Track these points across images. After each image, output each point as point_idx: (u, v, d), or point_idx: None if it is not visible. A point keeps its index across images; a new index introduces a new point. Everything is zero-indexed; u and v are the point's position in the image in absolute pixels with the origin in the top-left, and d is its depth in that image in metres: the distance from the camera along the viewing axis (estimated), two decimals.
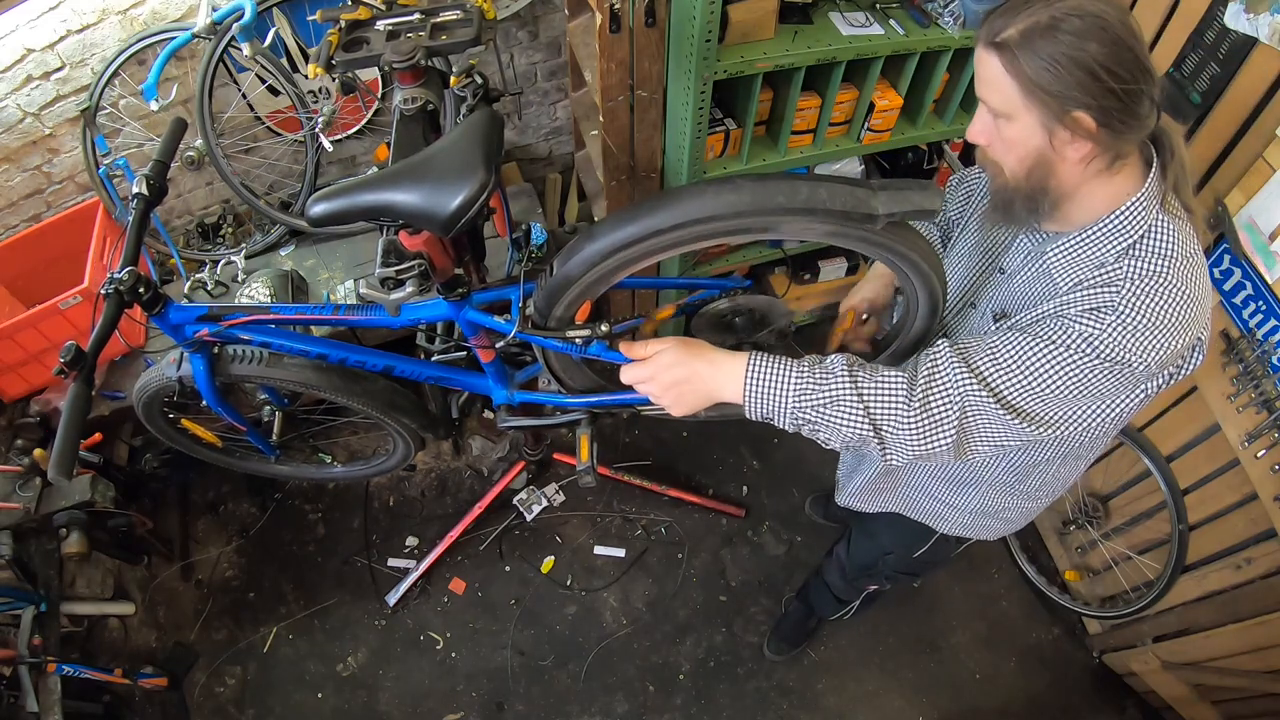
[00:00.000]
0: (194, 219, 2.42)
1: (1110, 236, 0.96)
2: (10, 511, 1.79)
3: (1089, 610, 2.28)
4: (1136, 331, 0.91)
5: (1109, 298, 0.93)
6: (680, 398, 1.05)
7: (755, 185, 1.11)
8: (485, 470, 2.57)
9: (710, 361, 1.03)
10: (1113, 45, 0.84)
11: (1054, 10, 0.85)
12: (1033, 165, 0.94)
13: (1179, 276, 0.92)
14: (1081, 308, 0.94)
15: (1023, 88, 0.88)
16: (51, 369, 1.31)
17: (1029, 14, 0.86)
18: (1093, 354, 0.92)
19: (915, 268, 1.25)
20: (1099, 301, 0.93)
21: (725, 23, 1.56)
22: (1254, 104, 1.54)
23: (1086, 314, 0.93)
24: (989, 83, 0.92)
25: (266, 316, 1.42)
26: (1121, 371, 0.93)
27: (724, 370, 1.02)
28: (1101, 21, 0.84)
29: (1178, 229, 0.95)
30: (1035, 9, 0.86)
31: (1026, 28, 0.86)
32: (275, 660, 2.25)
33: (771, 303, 1.55)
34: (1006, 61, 0.88)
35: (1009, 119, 0.92)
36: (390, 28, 1.50)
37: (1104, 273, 0.95)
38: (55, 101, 1.99)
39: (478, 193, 1.16)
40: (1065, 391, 0.95)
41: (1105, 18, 0.85)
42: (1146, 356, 0.91)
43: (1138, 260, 0.94)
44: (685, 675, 2.26)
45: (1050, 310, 0.98)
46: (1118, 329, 0.91)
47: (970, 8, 1.76)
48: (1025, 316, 1.02)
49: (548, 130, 2.72)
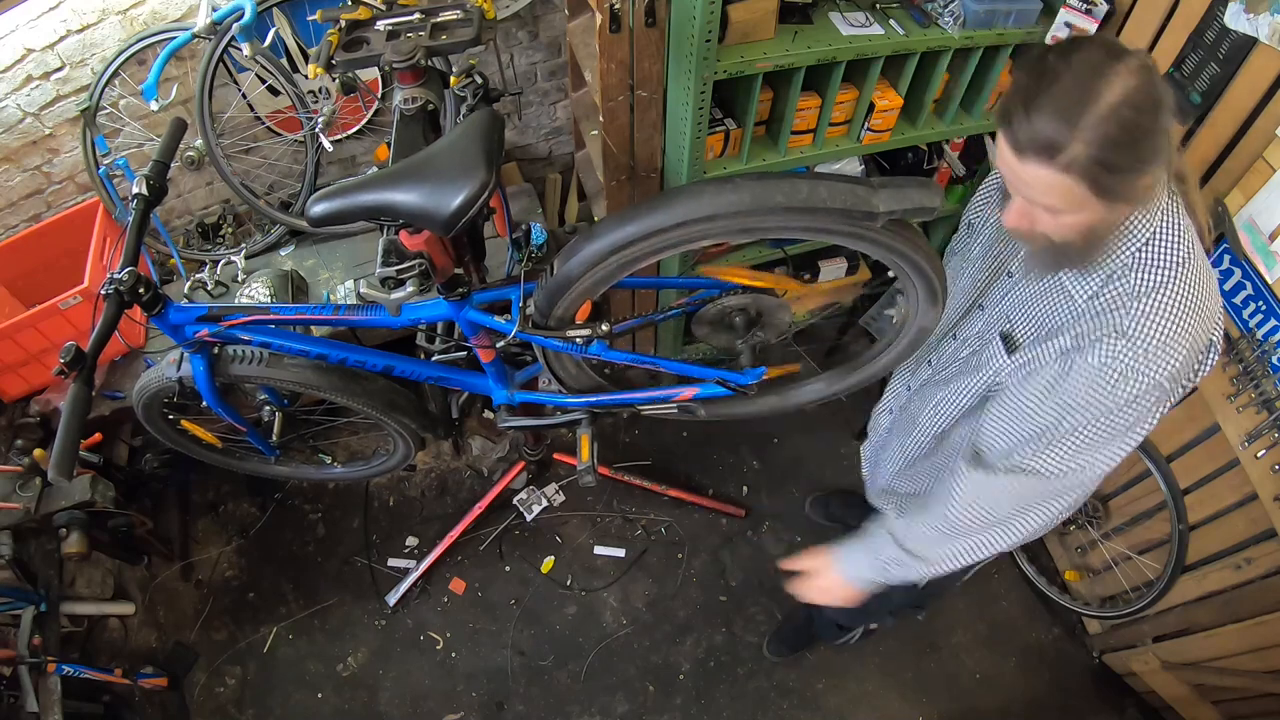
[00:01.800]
0: (194, 219, 2.41)
1: (1118, 243, 0.96)
2: (10, 511, 1.79)
3: (1089, 610, 2.28)
4: (1152, 354, 0.91)
5: (1120, 321, 0.93)
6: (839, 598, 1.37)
7: (755, 185, 1.11)
8: (485, 470, 2.57)
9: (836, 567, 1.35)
10: (1164, 106, 0.82)
11: (1107, 106, 0.79)
12: (1089, 233, 0.92)
13: (1186, 283, 0.92)
14: (1098, 352, 0.94)
15: (1095, 190, 0.83)
16: (51, 369, 1.31)
17: (1085, 121, 0.79)
18: (1115, 401, 0.94)
19: (915, 266, 1.25)
20: (1112, 326, 0.93)
21: (725, 23, 1.56)
22: (1254, 104, 1.54)
23: (1102, 357, 0.93)
24: (1044, 190, 0.86)
25: (266, 317, 1.42)
26: (1146, 401, 0.94)
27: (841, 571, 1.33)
28: (1148, 89, 0.80)
29: (1180, 230, 0.95)
30: (1084, 110, 0.79)
31: (1096, 140, 0.79)
32: (275, 660, 2.25)
33: (771, 302, 1.55)
34: (1076, 176, 0.82)
35: (1069, 212, 0.88)
36: (390, 28, 1.50)
37: (1113, 287, 0.95)
38: (55, 101, 1.99)
39: (478, 192, 1.16)
40: (1094, 443, 0.98)
41: (1146, 81, 0.80)
42: (1167, 370, 0.91)
43: (1145, 271, 0.93)
44: (685, 675, 2.26)
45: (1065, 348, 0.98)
46: (1135, 358, 0.91)
47: (970, 8, 1.76)
48: (1041, 362, 1.02)
49: (548, 130, 2.72)
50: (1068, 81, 0.81)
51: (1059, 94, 0.81)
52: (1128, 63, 0.80)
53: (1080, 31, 1.80)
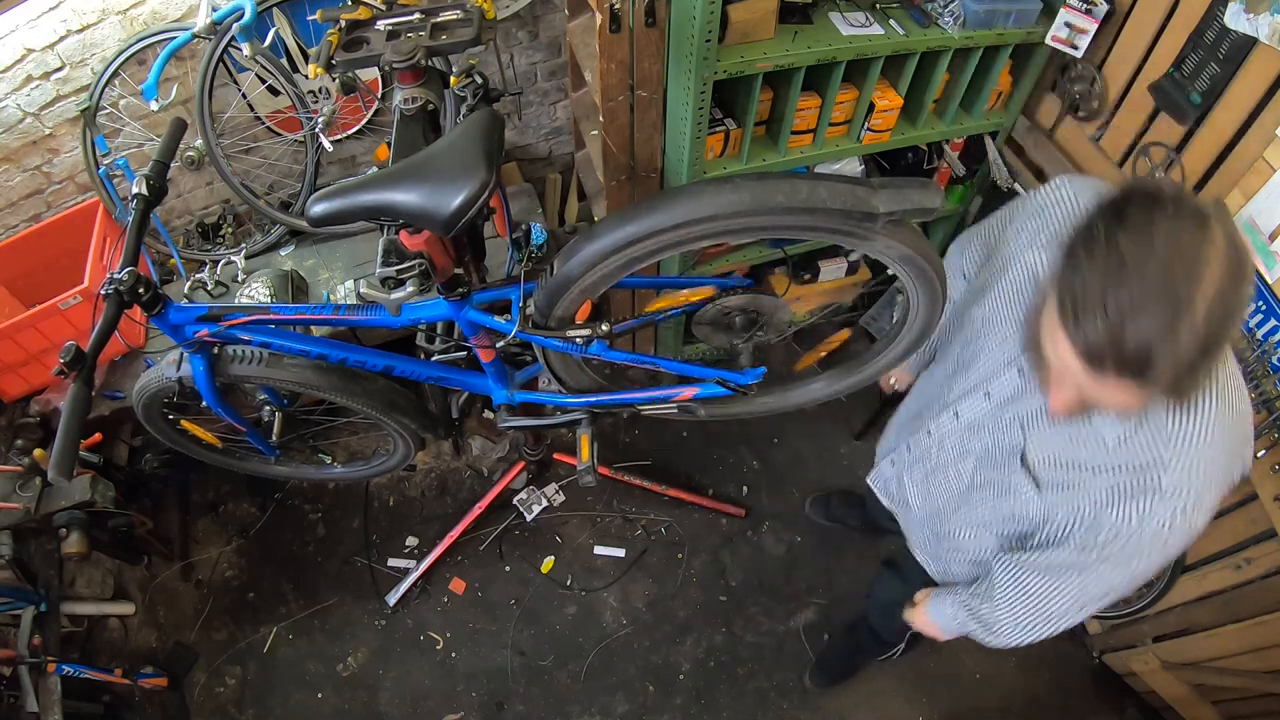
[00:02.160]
0: (194, 219, 2.41)
1: None
2: (10, 511, 1.79)
3: None
4: (1190, 511, 0.87)
5: (1156, 477, 0.86)
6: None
7: (755, 185, 1.11)
8: (485, 470, 2.57)
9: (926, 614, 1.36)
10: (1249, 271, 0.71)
11: (1205, 304, 0.67)
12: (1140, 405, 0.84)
13: (1221, 420, 0.85)
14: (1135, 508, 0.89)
15: (1172, 392, 0.75)
16: (51, 369, 1.31)
17: (1183, 331, 0.67)
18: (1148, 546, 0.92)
19: (915, 266, 1.25)
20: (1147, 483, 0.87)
21: (725, 23, 1.56)
22: (1254, 104, 1.54)
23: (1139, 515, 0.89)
24: (1115, 399, 0.78)
25: (266, 317, 1.42)
26: (1179, 541, 0.91)
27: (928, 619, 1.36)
28: (1238, 259, 0.69)
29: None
30: (1181, 316, 0.67)
31: (1194, 347, 0.68)
32: (275, 660, 2.24)
33: (771, 302, 1.55)
34: (1161, 388, 0.73)
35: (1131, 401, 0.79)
36: (390, 28, 1.50)
37: (1145, 430, 0.87)
38: (55, 101, 1.99)
39: (478, 192, 1.16)
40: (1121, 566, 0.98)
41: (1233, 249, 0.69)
42: (1202, 520, 0.88)
43: (1178, 413, 0.85)
44: (685, 675, 2.26)
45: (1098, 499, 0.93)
46: (1174, 516, 0.87)
47: (970, 8, 1.76)
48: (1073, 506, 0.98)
49: (548, 130, 2.72)
50: (1155, 279, 0.67)
51: (1147, 298, 0.67)
52: (1214, 234, 0.68)
53: (1080, 31, 1.80)
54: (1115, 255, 0.69)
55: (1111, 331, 0.69)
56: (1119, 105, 1.85)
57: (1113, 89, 1.86)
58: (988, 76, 1.96)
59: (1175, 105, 1.69)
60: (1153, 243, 0.68)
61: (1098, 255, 0.70)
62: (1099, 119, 1.92)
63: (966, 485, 1.19)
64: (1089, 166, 1.98)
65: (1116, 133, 1.88)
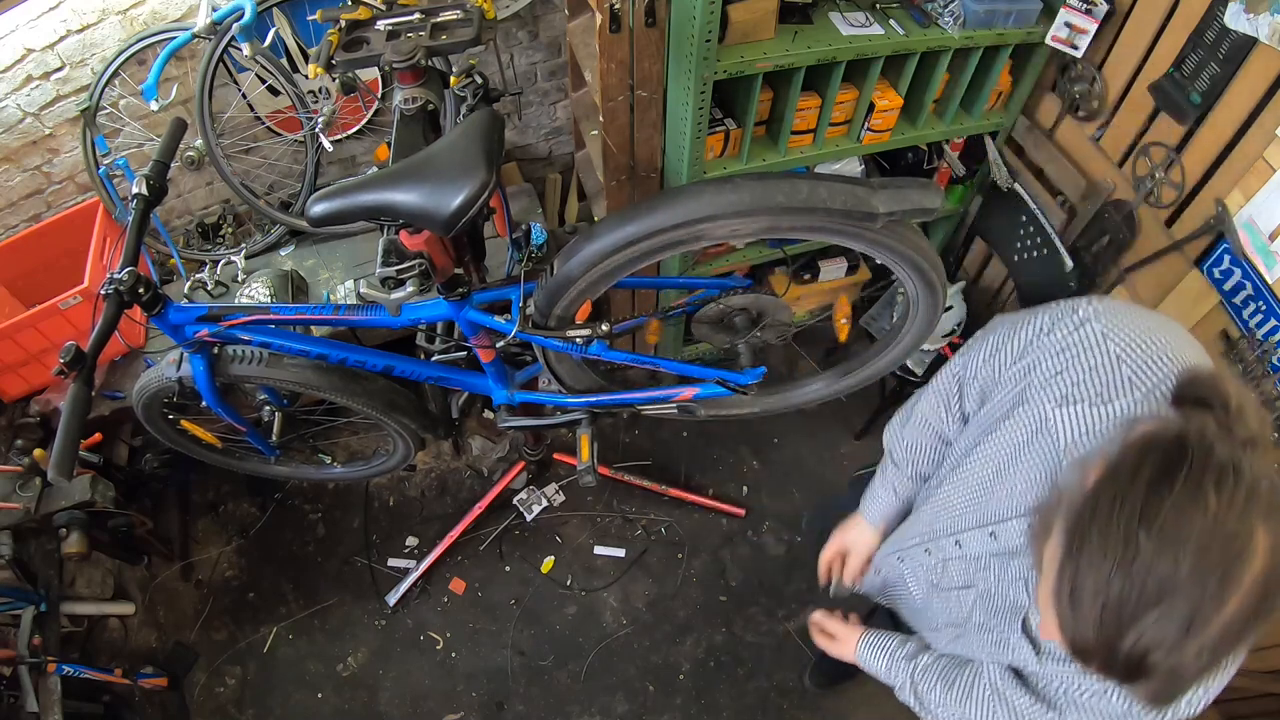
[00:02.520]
0: (194, 219, 2.41)
1: None
2: (10, 511, 1.79)
3: None
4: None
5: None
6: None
7: (755, 185, 1.11)
8: (485, 470, 2.57)
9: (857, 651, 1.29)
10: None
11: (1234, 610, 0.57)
12: None
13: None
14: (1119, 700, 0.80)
15: (1148, 700, 0.69)
16: (51, 369, 1.31)
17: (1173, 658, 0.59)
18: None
19: (915, 266, 1.25)
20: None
21: (725, 23, 1.56)
22: (1254, 104, 1.54)
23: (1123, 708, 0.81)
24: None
25: (266, 317, 1.42)
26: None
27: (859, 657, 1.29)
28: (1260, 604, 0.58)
29: None
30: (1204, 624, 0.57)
31: (1174, 680, 0.61)
32: (275, 660, 2.24)
33: (771, 302, 1.55)
34: (1135, 693, 0.67)
35: None
36: (390, 28, 1.50)
37: None
38: (55, 101, 1.99)
39: (478, 192, 1.17)
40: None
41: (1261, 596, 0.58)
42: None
43: None
44: (685, 675, 2.26)
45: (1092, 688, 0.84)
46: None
47: (970, 8, 1.76)
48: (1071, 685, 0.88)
49: (548, 130, 2.72)
50: (1176, 589, 0.57)
51: (1160, 608, 0.58)
52: (1257, 543, 0.57)
53: (1080, 31, 1.80)
54: (1133, 545, 0.58)
55: (1106, 636, 0.60)
56: (1119, 105, 1.86)
57: (1113, 89, 1.86)
58: (988, 76, 1.96)
59: (1175, 105, 1.69)
60: (1182, 541, 0.57)
61: (1112, 540, 0.59)
62: (1099, 119, 1.92)
63: (965, 618, 1.07)
64: (1089, 166, 1.98)
65: (1116, 133, 1.88)
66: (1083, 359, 0.83)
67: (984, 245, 2.43)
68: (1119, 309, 0.86)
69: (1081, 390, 0.81)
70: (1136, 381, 0.79)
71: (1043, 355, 0.88)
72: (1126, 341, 0.81)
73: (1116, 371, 0.80)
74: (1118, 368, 0.80)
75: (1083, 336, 0.84)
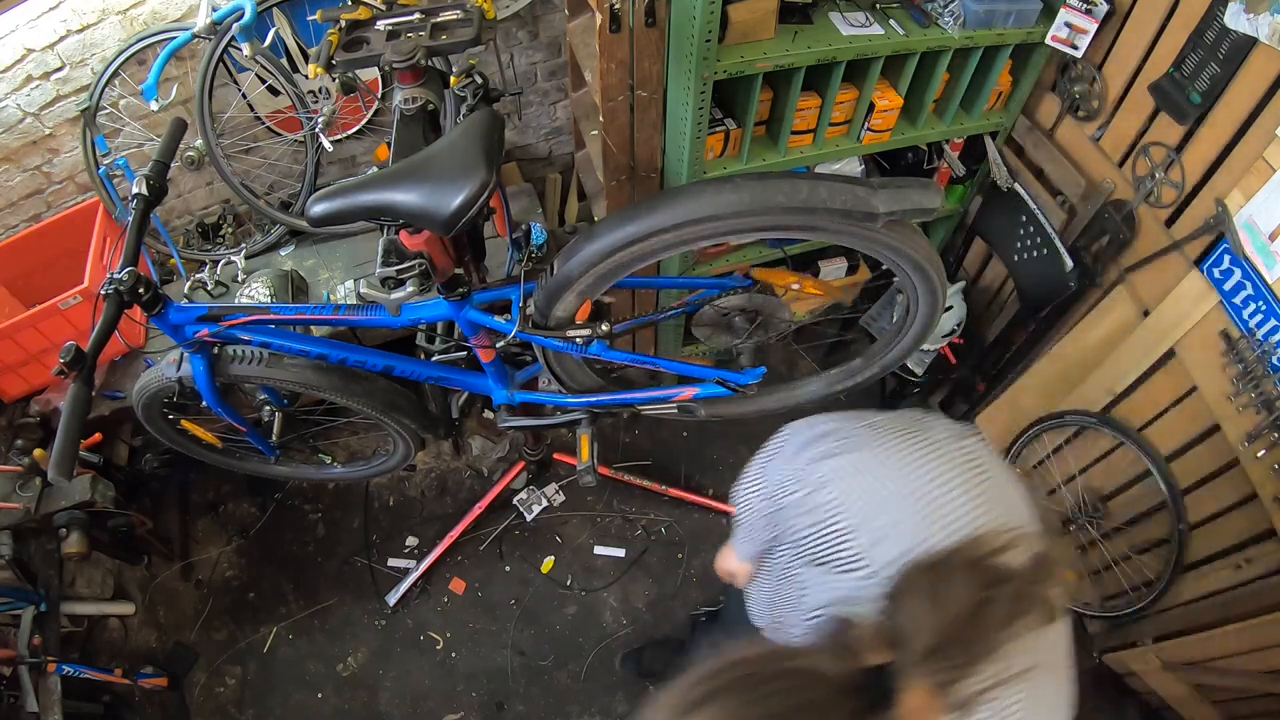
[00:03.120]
0: (194, 219, 2.42)
1: None
2: (10, 511, 1.79)
3: (1089, 610, 2.28)
4: None
5: None
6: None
7: (755, 185, 1.11)
8: (485, 470, 2.57)
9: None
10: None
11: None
12: None
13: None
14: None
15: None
16: (51, 369, 1.31)
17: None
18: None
19: (915, 266, 1.25)
20: None
21: (725, 23, 1.56)
22: (1254, 104, 1.54)
23: None
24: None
25: (266, 317, 1.42)
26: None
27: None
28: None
29: None
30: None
31: None
32: (275, 660, 2.24)
33: (771, 302, 1.55)
34: None
35: None
36: (390, 28, 1.50)
37: None
38: (55, 101, 1.99)
39: (478, 192, 1.17)
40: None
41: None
42: None
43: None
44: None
45: None
46: None
47: (970, 8, 1.76)
48: None
49: (548, 130, 2.72)
50: None
51: None
52: None
53: (1080, 31, 1.80)
54: None
55: None
56: (1119, 105, 1.86)
57: (1113, 89, 1.86)
58: (988, 76, 1.96)
59: (1175, 105, 1.69)
60: None
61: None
62: (1099, 119, 1.92)
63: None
64: (1089, 166, 1.98)
65: (1116, 133, 1.88)
66: (819, 529, 0.85)
67: (984, 245, 2.43)
68: (855, 468, 0.84)
69: (818, 556, 0.84)
70: (858, 563, 0.80)
71: (790, 511, 0.91)
72: (852, 518, 0.81)
73: (844, 547, 0.81)
74: (846, 543, 0.81)
75: (820, 501, 0.85)
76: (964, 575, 0.66)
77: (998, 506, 0.78)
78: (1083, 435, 2.17)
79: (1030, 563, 0.68)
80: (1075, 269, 2.00)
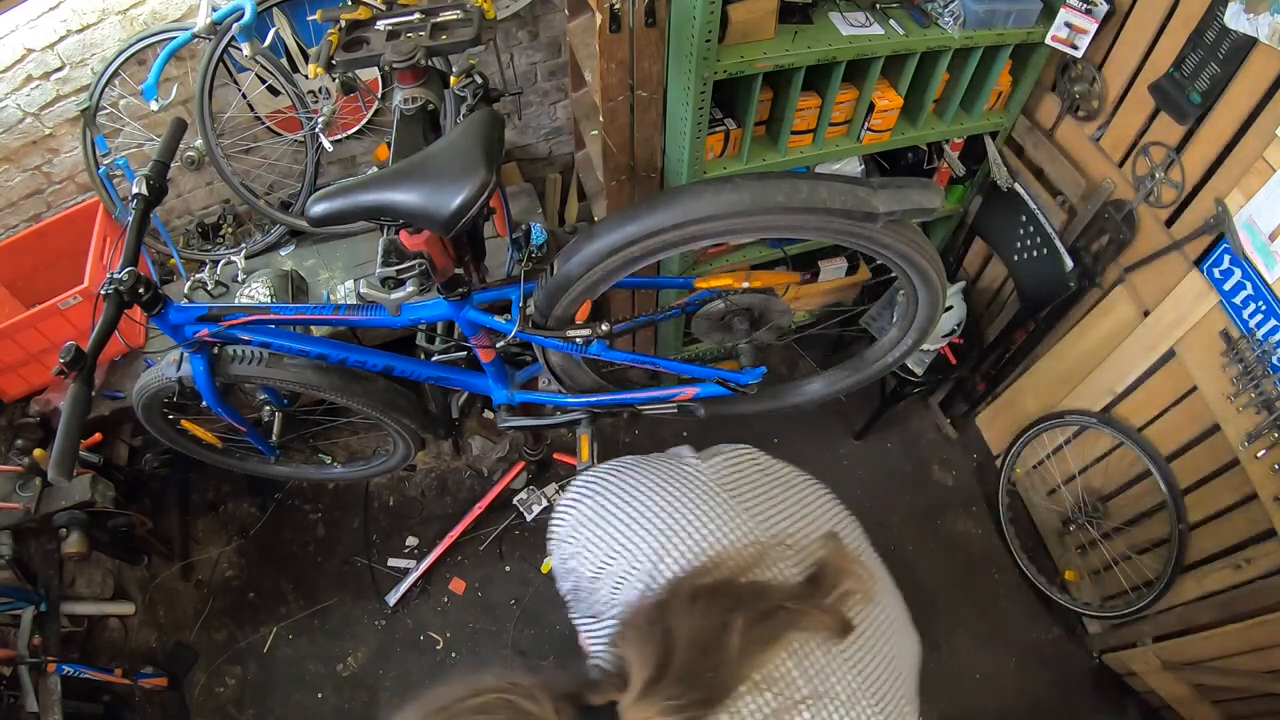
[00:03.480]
0: (194, 219, 2.41)
1: None
2: (10, 511, 1.79)
3: (1089, 610, 2.28)
4: None
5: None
6: None
7: (755, 185, 1.11)
8: (485, 470, 2.57)
9: None
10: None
11: None
12: None
13: None
14: None
15: None
16: (51, 369, 1.31)
17: None
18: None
19: (916, 266, 1.25)
20: None
21: (725, 23, 1.56)
22: (1254, 104, 1.54)
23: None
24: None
25: (266, 317, 1.42)
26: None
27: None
28: None
29: None
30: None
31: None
32: (275, 660, 2.24)
33: (770, 302, 1.55)
34: None
35: None
36: (390, 28, 1.50)
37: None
38: (55, 101, 1.99)
39: (478, 192, 1.17)
40: None
41: None
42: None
43: None
44: None
45: None
46: None
47: (970, 8, 1.76)
48: None
49: (548, 130, 2.72)
50: None
51: None
52: None
53: (1080, 31, 1.80)
54: None
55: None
56: (1119, 105, 1.86)
57: (1113, 89, 1.86)
58: (988, 76, 1.96)
59: (1175, 105, 1.69)
60: None
61: None
62: (1099, 119, 1.93)
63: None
64: (1089, 166, 1.98)
65: (1116, 133, 1.88)
66: (575, 589, 0.79)
67: (984, 245, 2.43)
68: (580, 522, 0.77)
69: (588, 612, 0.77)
70: (606, 611, 0.72)
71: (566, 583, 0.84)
72: (593, 569, 0.74)
73: (595, 599, 0.74)
74: (595, 594, 0.74)
75: (568, 566, 0.79)
76: (686, 603, 0.59)
77: (747, 524, 0.72)
78: (1083, 435, 2.17)
79: (803, 576, 0.63)
80: (1075, 269, 2.00)
